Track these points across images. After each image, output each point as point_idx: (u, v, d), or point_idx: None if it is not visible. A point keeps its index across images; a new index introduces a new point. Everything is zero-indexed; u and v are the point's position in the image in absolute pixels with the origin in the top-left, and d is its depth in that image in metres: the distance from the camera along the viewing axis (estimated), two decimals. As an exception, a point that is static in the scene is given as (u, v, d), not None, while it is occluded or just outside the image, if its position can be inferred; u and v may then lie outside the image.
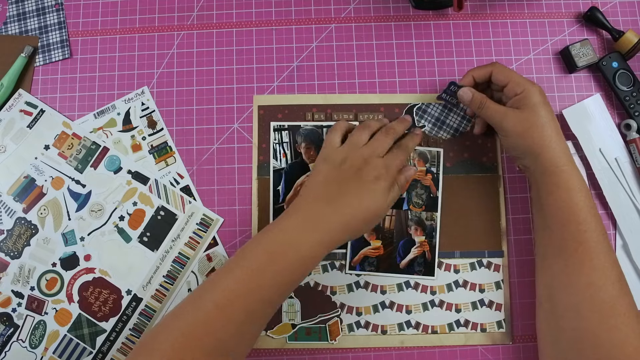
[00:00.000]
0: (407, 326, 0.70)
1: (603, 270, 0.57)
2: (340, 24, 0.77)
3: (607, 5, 0.77)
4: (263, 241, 0.59)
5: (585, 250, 0.58)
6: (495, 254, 0.71)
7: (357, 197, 0.60)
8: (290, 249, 0.57)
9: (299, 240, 0.58)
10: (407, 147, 0.67)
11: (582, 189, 0.60)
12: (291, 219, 0.60)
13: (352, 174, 0.62)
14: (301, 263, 0.58)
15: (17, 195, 0.73)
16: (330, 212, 0.59)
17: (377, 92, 0.75)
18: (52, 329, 0.70)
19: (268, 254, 0.57)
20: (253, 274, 0.56)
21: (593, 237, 0.58)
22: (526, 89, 0.63)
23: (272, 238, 0.59)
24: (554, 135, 0.62)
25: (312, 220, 0.59)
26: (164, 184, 0.73)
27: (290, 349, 0.70)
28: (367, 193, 0.60)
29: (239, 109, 0.75)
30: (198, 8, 0.78)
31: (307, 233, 0.58)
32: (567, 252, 0.59)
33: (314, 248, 0.58)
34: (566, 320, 0.58)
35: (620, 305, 0.56)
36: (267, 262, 0.57)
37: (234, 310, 0.54)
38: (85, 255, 0.72)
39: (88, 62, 0.77)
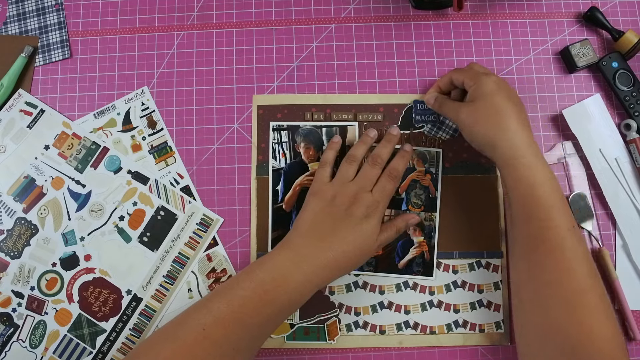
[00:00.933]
0: (406, 326, 0.70)
1: (567, 267, 0.55)
2: (340, 24, 0.77)
3: (607, 5, 0.77)
4: (253, 274, 0.59)
5: (547, 248, 0.56)
6: (494, 255, 0.71)
7: (347, 236, 0.61)
8: (279, 284, 0.57)
9: (288, 276, 0.58)
10: (397, 171, 0.66)
11: (545, 183, 0.58)
12: (282, 254, 0.60)
13: (342, 212, 0.62)
14: (289, 299, 0.58)
15: (17, 195, 0.73)
16: (321, 249, 0.60)
17: (376, 92, 0.75)
18: (52, 329, 0.71)
19: (257, 288, 0.57)
20: (242, 303, 0.56)
21: (557, 234, 0.56)
22: (479, 80, 0.63)
23: (263, 272, 0.59)
24: (513, 124, 0.60)
25: (302, 257, 0.59)
26: (164, 184, 0.73)
27: (289, 349, 0.70)
28: (358, 232, 0.61)
29: (238, 109, 0.75)
30: (198, 8, 0.78)
31: (297, 270, 0.58)
32: (530, 250, 0.57)
33: (303, 285, 0.58)
34: (533, 316, 0.57)
35: (588, 299, 0.54)
36: (255, 296, 0.57)
37: (219, 337, 0.54)
38: (85, 255, 0.72)
39: (88, 62, 0.77)
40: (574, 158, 0.73)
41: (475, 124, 0.62)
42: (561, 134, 0.74)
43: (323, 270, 0.59)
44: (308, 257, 0.59)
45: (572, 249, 0.55)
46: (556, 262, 0.55)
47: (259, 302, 0.56)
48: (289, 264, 0.59)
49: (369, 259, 0.70)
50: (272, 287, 0.57)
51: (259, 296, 0.56)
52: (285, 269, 0.58)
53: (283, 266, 0.59)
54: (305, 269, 0.58)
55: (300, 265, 0.58)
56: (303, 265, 0.58)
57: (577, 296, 0.54)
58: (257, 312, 0.56)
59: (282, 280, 0.57)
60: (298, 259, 0.59)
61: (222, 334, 0.54)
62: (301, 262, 0.59)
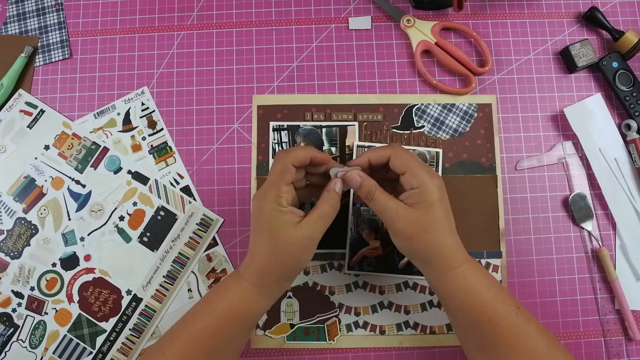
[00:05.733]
0: (406, 326, 0.70)
1: (526, 348, 0.53)
2: (340, 24, 0.77)
3: (607, 5, 0.77)
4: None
5: (503, 341, 0.53)
6: (493, 255, 0.71)
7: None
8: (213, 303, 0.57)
9: (226, 287, 0.58)
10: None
11: (481, 284, 0.55)
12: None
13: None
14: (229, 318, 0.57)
15: (17, 195, 0.73)
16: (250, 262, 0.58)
17: (376, 92, 0.75)
18: (52, 329, 0.71)
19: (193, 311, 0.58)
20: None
21: (508, 325, 0.54)
22: (424, 184, 0.54)
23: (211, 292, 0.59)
24: (448, 237, 0.56)
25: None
26: (164, 184, 0.73)
27: (289, 349, 0.70)
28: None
29: (238, 109, 0.75)
30: (198, 8, 0.78)
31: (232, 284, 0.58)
32: (487, 347, 0.55)
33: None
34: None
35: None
36: (183, 323, 0.57)
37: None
38: (85, 255, 0.72)
39: (88, 62, 0.77)
40: (574, 158, 0.73)
41: (414, 236, 0.55)
42: (561, 134, 0.74)
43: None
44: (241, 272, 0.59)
45: (525, 331, 0.54)
46: (515, 350, 0.53)
47: (189, 330, 0.57)
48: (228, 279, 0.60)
49: (369, 260, 0.70)
50: (198, 311, 0.58)
51: (185, 324, 0.57)
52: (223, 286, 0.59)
53: (225, 282, 0.59)
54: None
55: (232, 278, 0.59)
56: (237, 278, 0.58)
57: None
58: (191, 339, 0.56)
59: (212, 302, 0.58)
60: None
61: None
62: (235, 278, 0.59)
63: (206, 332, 0.55)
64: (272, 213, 0.55)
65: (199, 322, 0.56)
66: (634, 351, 0.70)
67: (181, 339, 0.55)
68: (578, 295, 0.71)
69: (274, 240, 0.55)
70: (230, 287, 0.57)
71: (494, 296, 0.55)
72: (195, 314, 0.57)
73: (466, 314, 0.55)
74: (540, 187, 0.73)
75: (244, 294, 0.56)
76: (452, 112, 0.74)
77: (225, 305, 0.56)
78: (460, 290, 0.55)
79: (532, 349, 0.53)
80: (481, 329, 0.55)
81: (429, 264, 0.57)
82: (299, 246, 0.55)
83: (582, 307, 0.71)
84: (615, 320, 0.70)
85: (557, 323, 0.70)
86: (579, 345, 0.70)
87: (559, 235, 0.72)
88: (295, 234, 0.54)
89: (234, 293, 0.56)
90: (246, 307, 0.56)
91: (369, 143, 0.73)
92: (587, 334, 0.70)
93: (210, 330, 0.55)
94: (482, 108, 0.74)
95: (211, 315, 0.56)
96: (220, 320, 0.55)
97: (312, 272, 0.72)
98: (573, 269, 0.71)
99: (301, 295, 0.71)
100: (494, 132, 0.74)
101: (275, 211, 0.54)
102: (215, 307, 0.56)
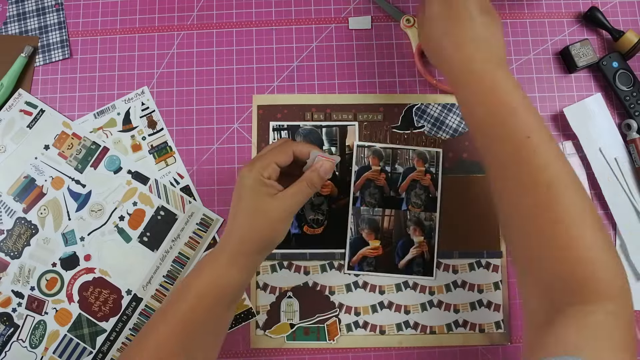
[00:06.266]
0: (406, 326, 0.70)
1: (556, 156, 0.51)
2: (340, 24, 0.77)
3: (607, 5, 0.77)
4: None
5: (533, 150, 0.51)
6: (494, 255, 0.71)
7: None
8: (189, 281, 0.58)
9: (199, 269, 0.58)
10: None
11: (518, 88, 0.54)
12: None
13: None
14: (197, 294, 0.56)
15: (17, 195, 0.73)
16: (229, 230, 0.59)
17: (376, 92, 0.75)
18: (52, 329, 0.71)
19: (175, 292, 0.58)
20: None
21: (543, 148, 0.51)
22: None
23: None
24: (482, 30, 0.57)
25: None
26: (164, 184, 0.73)
27: (289, 349, 0.70)
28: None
29: (238, 109, 0.75)
30: (198, 8, 0.78)
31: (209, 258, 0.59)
32: (513, 163, 0.52)
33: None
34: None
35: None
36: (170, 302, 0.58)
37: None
38: (85, 255, 0.72)
39: (88, 62, 0.77)
40: (574, 158, 0.73)
41: (441, 33, 0.58)
42: (561, 134, 0.74)
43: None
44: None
45: (548, 147, 0.52)
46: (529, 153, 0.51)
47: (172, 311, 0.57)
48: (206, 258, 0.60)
49: (369, 260, 0.70)
50: (178, 290, 0.58)
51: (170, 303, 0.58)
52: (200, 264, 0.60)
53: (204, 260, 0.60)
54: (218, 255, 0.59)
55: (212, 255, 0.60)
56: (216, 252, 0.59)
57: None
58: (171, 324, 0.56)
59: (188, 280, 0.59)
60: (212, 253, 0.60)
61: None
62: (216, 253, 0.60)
63: (181, 315, 0.55)
64: (254, 183, 0.57)
65: (174, 307, 0.56)
66: (634, 351, 0.70)
67: (158, 327, 0.55)
68: (578, 295, 0.71)
69: (254, 206, 0.57)
70: (203, 270, 0.57)
71: (520, 99, 0.54)
72: (171, 299, 0.57)
73: (487, 115, 0.54)
74: (540, 187, 0.73)
75: (218, 271, 0.57)
76: (452, 112, 0.74)
77: (199, 287, 0.56)
78: (483, 91, 0.55)
79: (550, 175, 0.50)
80: (511, 142, 0.52)
81: (452, 61, 0.58)
82: (275, 216, 0.57)
83: (582, 307, 0.71)
84: (615, 320, 0.70)
85: (557, 323, 0.70)
86: (579, 345, 0.70)
87: (559, 235, 0.72)
88: (272, 204, 0.57)
89: (207, 274, 0.57)
90: (221, 283, 0.56)
91: (369, 143, 0.73)
92: (587, 333, 0.70)
93: (185, 313, 0.55)
94: (482, 108, 0.74)
95: (186, 299, 0.56)
96: (195, 303, 0.55)
97: (312, 272, 0.72)
98: (573, 268, 0.71)
99: (301, 295, 0.71)
100: (494, 132, 0.74)
101: (256, 181, 0.57)
102: (190, 290, 0.56)
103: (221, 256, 0.57)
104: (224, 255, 0.57)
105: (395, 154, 0.73)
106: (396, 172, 0.72)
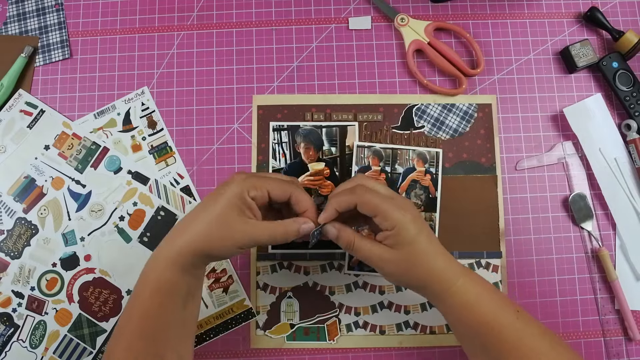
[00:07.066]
0: (406, 326, 0.70)
1: (532, 350, 0.53)
2: (340, 24, 0.77)
3: (607, 5, 0.77)
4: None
5: (509, 348, 0.53)
6: (493, 255, 0.71)
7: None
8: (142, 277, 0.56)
9: (147, 268, 0.56)
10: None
11: (478, 297, 0.55)
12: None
13: None
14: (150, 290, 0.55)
15: (17, 196, 0.73)
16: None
17: (376, 92, 0.75)
18: (52, 329, 0.71)
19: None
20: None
21: (510, 331, 0.54)
22: (397, 225, 0.54)
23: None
24: (437, 262, 0.55)
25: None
26: (164, 184, 0.73)
27: (289, 349, 0.70)
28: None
29: (238, 109, 0.75)
30: (198, 8, 0.78)
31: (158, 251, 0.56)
32: (494, 355, 0.54)
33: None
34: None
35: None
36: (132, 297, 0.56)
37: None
38: (86, 255, 0.72)
39: (88, 62, 0.77)
40: (574, 158, 0.73)
41: (404, 274, 0.56)
42: (561, 134, 0.74)
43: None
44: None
45: (529, 333, 0.54)
46: (521, 352, 0.53)
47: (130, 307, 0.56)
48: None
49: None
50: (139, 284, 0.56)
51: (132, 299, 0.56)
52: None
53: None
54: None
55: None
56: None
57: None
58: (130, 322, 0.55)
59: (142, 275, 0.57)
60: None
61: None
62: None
63: (137, 318, 0.54)
64: (235, 196, 0.54)
65: (131, 311, 0.55)
66: (634, 351, 0.70)
67: (122, 334, 0.54)
68: (578, 296, 0.71)
69: (223, 219, 0.54)
70: (150, 269, 0.55)
71: (493, 306, 0.55)
72: (128, 304, 0.56)
73: (467, 327, 0.55)
74: (540, 187, 0.73)
75: (161, 273, 0.54)
76: (452, 112, 0.74)
77: (147, 288, 0.54)
78: (458, 307, 0.55)
79: (537, 350, 0.53)
80: (484, 339, 0.54)
81: (425, 290, 0.57)
82: (239, 239, 0.54)
83: (582, 307, 0.71)
84: (615, 320, 0.70)
85: (557, 323, 0.70)
86: (579, 345, 0.70)
87: (559, 236, 0.72)
88: (242, 226, 0.54)
89: (152, 274, 0.54)
90: (165, 285, 0.54)
91: (369, 143, 0.73)
92: (587, 334, 0.70)
93: (141, 315, 0.54)
94: (482, 108, 0.74)
95: (139, 302, 0.54)
96: (146, 304, 0.54)
97: (312, 272, 0.72)
98: (573, 269, 0.71)
99: (301, 295, 0.71)
100: (494, 132, 0.74)
101: (238, 196, 0.54)
102: (140, 291, 0.55)
103: (165, 254, 0.54)
104: (168, 255, 0.54)
105: (395, 154, 0.73)
106: (396, 172, 0.72)
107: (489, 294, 0.55)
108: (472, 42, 0.75)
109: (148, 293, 0.54)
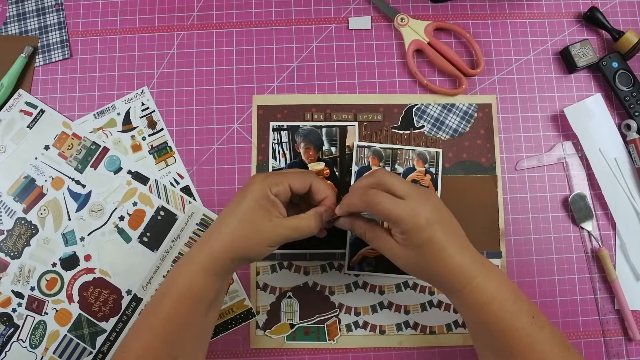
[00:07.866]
0: (406, 326, 0.70)
1: (542, 358, 0.52)
2: (340, 24, 0.77)
3: (607, 5, 0.77)
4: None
5: (519, 351, 0.53)
6: (493, 255, 0.71)
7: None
8: (169, 283, 0.56)
9: (178, 271, 0.57)
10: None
11: (495, 298, 0.53)
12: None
13: None
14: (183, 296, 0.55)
15: (17, 196, 0.73)
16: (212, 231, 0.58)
17: (376, 92, 0.75)
18: (52, 329, 0.71)
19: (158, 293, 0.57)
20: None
21: (523, 335, 0.53)
22: (408, 230, 0.53)
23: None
24: (456, 257, 0.54)
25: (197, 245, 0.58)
26: (164, 184, 0.73)
27: (289, 349, 0.70)
28: None
29: (238, 109, 0.75)
30: (198, 8, 0.78)
31: (189, 259, 0.57)
32: (504, 357, 0.54)
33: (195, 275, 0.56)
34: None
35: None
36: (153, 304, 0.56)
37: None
38: (85, 255, 0.72)
39: (88, 62, 0.77)
40: (574, 158, 0.73)
41: (414, 271, 0.57)
42: (561, 134, 0.74)
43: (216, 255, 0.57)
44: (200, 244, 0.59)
45: (540, 339, 0.53)
46: (529, 358, 0.53)
47: (155, 312, 0.56)
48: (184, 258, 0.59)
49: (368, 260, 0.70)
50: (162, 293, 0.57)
51: (154, 305, 0.57)
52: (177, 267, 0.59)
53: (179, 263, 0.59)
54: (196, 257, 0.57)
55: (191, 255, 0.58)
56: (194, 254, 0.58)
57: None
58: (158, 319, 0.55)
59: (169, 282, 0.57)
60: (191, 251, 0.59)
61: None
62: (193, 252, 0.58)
63: (162, 319, 0.54)
64: (260, 195, 0.56)
65: (155, 311, 0.55)
66: (633, 351, 0.70)
67: (141, 332, 0.55)
68: (578, 295, 0.71)
69: (251, 219, 0.55)
70: (181, 273, 0.56)
71: (507, 308, 0.53)
72: (152, 304, 0.56)
73: (479, 326, 0.55)
74: (540, 187, 0.73)
75: (194, 278, 0.55)
76: (452, 112, 0.74)
77: (176, 291, 0.55)
78: (472, 305, 0.54)
79: (547, 357, 0.52)
80: (495, 340, 0.54)
81: (439, 285, 0.57)
82: (267, 237, 0.56)
83: (582, 307, 0.71)
84: (615, 320, 0.70)
85: (557, 323, 0.70)
86: (579, 345, 0.70)
87: (559, 235, 0.72)
88: (269, 225, 0.56)
89: (183, 278, 0.55)
90: (196, 290, 0.55)
91: (369, 143, 0.73)
92: (587, 334, 0.70)
93: (166, 317, 0.54)
94: (482, 108, 0.74)
95: (165, 303, 0.55)
96: (174, 307, 0.55)
97: (312, 272, 0.72)
98: (573, 269, 0.71)
99: (301, 295, 0.71)
100: (494, 132, 0.74)
101: (263, 194, 0.56)
102: (168, 293, 0.55)
103: (198, 260, 0.56)
104: (202, 259, 0.55)
105: (395, 154, 0.73)
106: (396, 172, 0.72)
107: (505, 295, 0.54)
108: (472, 42, 0.75)
109: (177, 296, 0.55)
